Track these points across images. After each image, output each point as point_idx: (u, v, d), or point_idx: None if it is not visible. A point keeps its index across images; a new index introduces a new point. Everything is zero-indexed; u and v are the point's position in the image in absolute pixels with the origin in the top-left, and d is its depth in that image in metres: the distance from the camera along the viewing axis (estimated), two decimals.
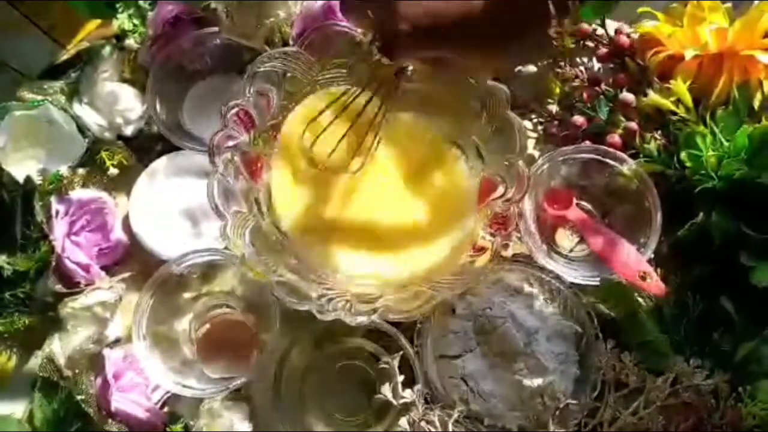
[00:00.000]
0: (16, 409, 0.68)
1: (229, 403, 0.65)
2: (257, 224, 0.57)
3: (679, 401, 0.60)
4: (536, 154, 0.74)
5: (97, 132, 0.74)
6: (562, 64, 0.76)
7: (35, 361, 0.69)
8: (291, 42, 0.75)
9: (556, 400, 0.62)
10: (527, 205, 0.69)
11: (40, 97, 0.74)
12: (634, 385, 0.61)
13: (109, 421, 0.65)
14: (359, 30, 0.63)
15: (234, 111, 0.57)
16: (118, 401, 0.64)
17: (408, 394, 0.59)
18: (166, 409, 0.67)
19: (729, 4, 0.72)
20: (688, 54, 0.68)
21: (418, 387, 0.60)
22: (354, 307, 0.55)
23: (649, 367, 0.62)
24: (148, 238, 0.72)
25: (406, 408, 0.60)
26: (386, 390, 0.59)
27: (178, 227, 0.73)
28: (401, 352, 0.61)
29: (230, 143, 0.57)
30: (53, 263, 0.68)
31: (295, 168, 0.62)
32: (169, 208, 0.74)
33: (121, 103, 0.75)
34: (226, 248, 0.69)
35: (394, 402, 0.60)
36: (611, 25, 0.78)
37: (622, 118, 0.71)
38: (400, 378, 0.60)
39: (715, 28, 0.68)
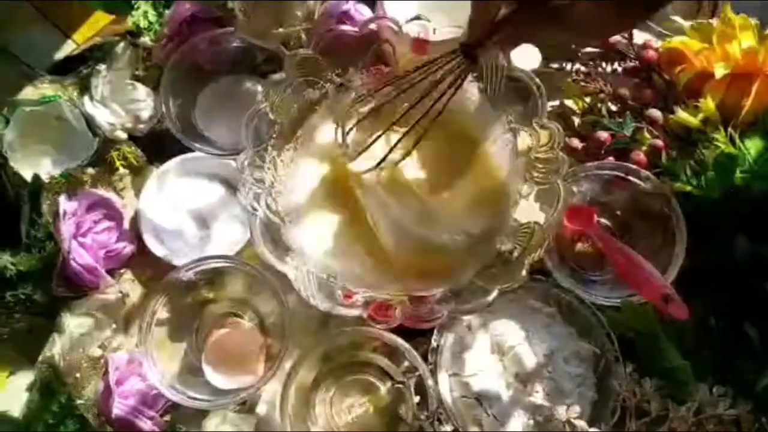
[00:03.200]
0: (14, 410, 0.67)
1: (234, 416, 0.63)
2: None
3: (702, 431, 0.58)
4: None
5: (107, 131, 0.73)
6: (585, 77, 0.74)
7: (36, 363, 0.67)
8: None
9: (573, 425, 0.60)
10: None
11: (50, 93, 0.72)
12: (656, 413, 0.59)
13: (108, 427, 0.63)
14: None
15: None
16: (119, 408, 0.63)
17: (423, 417, 0.57)
18: (167, 417, 0.66)
19: (756, 21, 0.71)
20: (719, 72, 0.66)
21: (432, 409, 0.58)
22: None
23: (670, 394, 0.60)
24: (156, 242, 0.70)
25: (420, 428, 0.58)
26: (402, 411, 0.57)
27: (187, 231, 0.72)
28: (417, 373, 0.60)
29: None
30: (59, 265, 0.66)
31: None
32: (179, 210, 0.73)
33: (133, 101, 0.73)
34: (235, 255, 0.68)
35: (409, 422, 0.58)
36: (639, 38, 0.76)
37: (647, 135, 0.69)
38: (416, 399, 0.58)
39: (746, 47, 0.67)
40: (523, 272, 0.54)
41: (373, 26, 0.62)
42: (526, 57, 0.72)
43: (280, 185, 0.60)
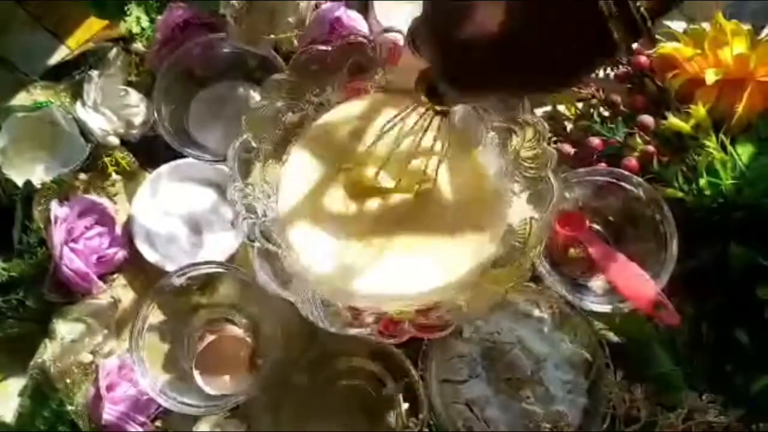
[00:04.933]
0: (6, 416, 0.66)
1: (225, 422, 0.63)
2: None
3: None
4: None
5: (100, 136, 0.73)
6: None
7: (27, 369, 0.67)
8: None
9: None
10: None
11: (43, 99, 0.73)
12: (646, 420, 0.59)
13: None
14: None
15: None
16: (110, 413, 0.63)
17: (412, 424, 0.57)
18: (158, 423, 0.65)
19: (749, 27, 0.71)
20: (710, 78, 0.66)
21: (422, 415, 0.58)
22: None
23: (660, 401, 0.60)
24: (148, 247, 0.70)
25: None
26: (390, 418, 0.57)
27: (179, 236, 0.72)
28: (406, 379, 0.60)
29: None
30: (50, 270, 0.66)
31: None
32: (172, 216, 0.73)
33: (125, 107, 0.73)
34: (228, 261, 0.67)
35: (399, 428, 0.58)
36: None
37: (639, 141, 0.69)
38: (405, 405, 0.58)
39: (738, 54, 0.67)
40: (528, 266, 0.54)
41: (346, 41, 0.61)
42: None
43: (273, 211, 0.60)
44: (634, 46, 0.75)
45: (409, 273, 0.57)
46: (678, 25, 0.77)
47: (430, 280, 0.56)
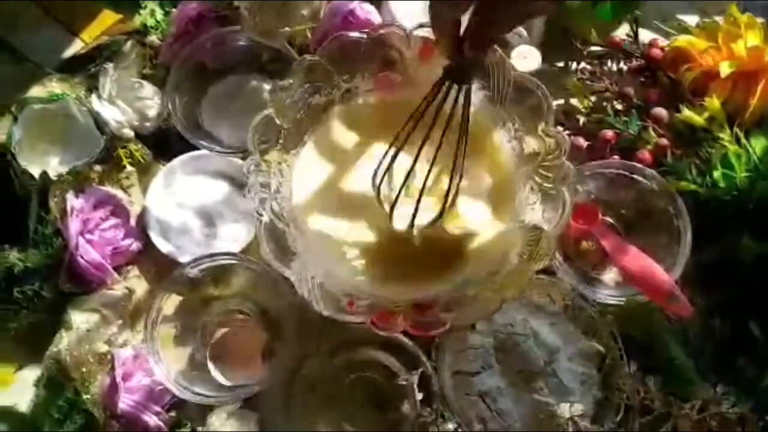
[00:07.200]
0: (22, 405, 0.67)
1: (238, 412, 0.63)
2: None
3: (705, 430, 0.58)
4: None
5: (115, 128, 0.73)
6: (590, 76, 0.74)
7: (42, 359, 0.67)
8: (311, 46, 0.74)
9: (576, 423, 0.60)
10: None
11: (59, 91, 0.73)
12: (660, 411, 0.59)
13: (113, 422, 0.63)
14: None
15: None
16: (125, 403, 0.63)
17: (426, 413, 0.57)
18: (173, 413, 0.66)
19: (762, 20, 0.70)
20: (724, 71, 0.66)
21: (435, 407, 0.58)
22: None
23: (673, 392, 0.60)
24: (162, 239, 0.70)
25: (423, 425, 0.58)
26: (403, 410, 0.57)
27: (193, 228, 0.72)
28: (420, 370, 0.60)
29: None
30: (66, 261, 0.66)
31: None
32: (185, 208, 0.73)
33: (140, 99, 0.73)
34: (241, 252, 0.68)
35: (412, 420, 0.58)
36: (644, 37, 0.76)
37: (653, 134, 0.69)
38: (418, 397, 0.58)
39: (752, 46, 0.67)
40: (531, 276, 0.54)
41: (381, 32, 0.61)
42: (526, 59, 0.72)
43: (286, 190, 0.60)
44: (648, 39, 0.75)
45: None
46: (691, 19, 0.77)
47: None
